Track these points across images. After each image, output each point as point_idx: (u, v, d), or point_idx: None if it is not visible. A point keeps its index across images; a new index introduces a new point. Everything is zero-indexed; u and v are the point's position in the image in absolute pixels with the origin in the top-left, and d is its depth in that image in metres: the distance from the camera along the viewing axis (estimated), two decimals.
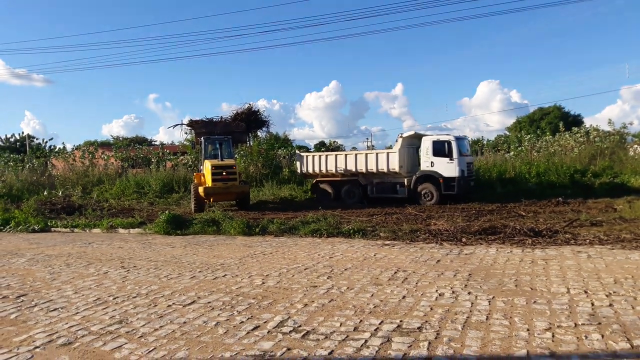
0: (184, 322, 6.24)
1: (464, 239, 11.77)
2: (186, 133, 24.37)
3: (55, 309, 7.15)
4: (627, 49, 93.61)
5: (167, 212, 15.87)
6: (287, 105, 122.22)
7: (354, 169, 22.09)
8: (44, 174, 33.42)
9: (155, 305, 7.11)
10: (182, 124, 24.11)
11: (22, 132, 57.37)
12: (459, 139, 20.93)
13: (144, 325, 6.21)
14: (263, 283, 8.11)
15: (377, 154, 22.04)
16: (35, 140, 55.18)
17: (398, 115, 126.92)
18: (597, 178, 23.79)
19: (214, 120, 23.99)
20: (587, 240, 11.01)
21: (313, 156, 23.85)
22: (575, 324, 5.58)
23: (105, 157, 34.50)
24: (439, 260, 9.43)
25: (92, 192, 28.08)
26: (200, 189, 20.39)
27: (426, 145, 20.96)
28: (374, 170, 21.59)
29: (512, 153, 28.92)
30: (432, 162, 20.65)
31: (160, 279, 8.80)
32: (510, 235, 11.78)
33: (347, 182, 22.51)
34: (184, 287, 8.13)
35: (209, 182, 20.54)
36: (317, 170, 23.12)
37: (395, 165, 21.04)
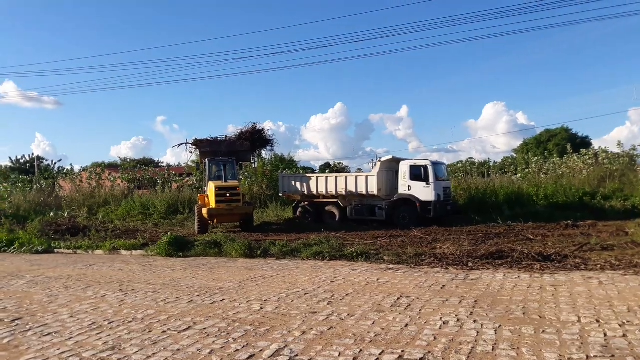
0: (178, 350, 5.98)
1: (470, 264, 11.45)
2: (191, 152, 24.26)
3: (49, 334, 6.93)
4: (635, 70, 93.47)
5: (169, 233, 15.66)
6: (292, 127, 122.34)
7: (334, 191, 22.28)
8: (51, 195, 33.45)
9: (150, 331, 6.86)
10: (187, 143, 23.98)
11: (32, 154, 57.71)
12: (435, 164, 21.21)
13: (136, 352, 5.97)
14: (261, 308, 7.84)
15: (356, 177, 22.39)
16: (44, 161, 55.49)
17: (403, 137, 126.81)
18: (607, 201, 23.40)
19: (219, 139, 23.87)
20: (598, 266, 10.66)
21: (295, 177, 24.14)
22: (587, 357, 5.27)
23: (112, 179, 34.49)
24: (444, 286, 9.12)
25: (98, 213, 28.01)
26: (204, 211, 20.23)
27: (404, 170, 21.21)
28: (354, 192, 21.82)
29: (519, 175, 28.59)
30: (409, 186, 20.94)
31: (157, 303, 8.55)
32: (518, 260, 11.44)
33: (327, 204, 22.75)
34: (180, 312, 7.87)
35: (212, 204, 20.37)
36: (298, 191, 23.35)
37: (374, 189, 21.26)
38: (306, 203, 23.45)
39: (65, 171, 39.21)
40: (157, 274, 11.54)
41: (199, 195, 23.65)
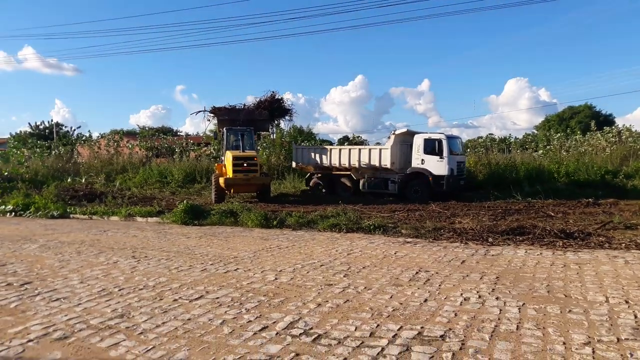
0: (188, 319, 5.78)
1: (490, 239, 11.10)
2: (209, 120, 23.91)
3: (57, 299, 6.78)
4: None
5: (185, 202, 15.51)
6: (312, 99, 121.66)
7: (347, 164, 22.04)
8: (69, 161, 33.58)
9: (161, 299, 6.68)
10: (205, 111, 23.65)
11: (52, 120, 58.09)
12: (450, 138, 20.75)
13: (145, 320, 5.78)
14: (276, 279, 7.62)
15: (370, 149, 22.00)
16: (63, 128, 55.78)
17: (424, 112, 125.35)
18: (630, 179, 22.71)
19: (237, 107, 23.50)
20: (623, 244, 10.23)
21: (308, 149, 23.86)
22: (618, 339, 4.94)
23: (130, 146, 34.51)
24: (463, 261, 8.81)
25: (115, 180, 28.05)
26: (221, 180, 20.05)
27: (418, 143, 20.86)
28: (367, 165, 21.55)
29: (540, 152, 27.90)
30: (422, 160, 20.60)
31: (170, 270, 8.38)
32: (539, 237, 11.07)
33: (341, 176, 22.51)
34: (193, 280, 7.68)
35: (229, 173, 20.17)
36: (312, 163, 23.16)
37: (387, 162, 20.98)
38: (319, 175, 23.27)
39: (83, 138, 39.28)
40: (172, 242, 11.38)
41: (216, 164, 23.46)
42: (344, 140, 47.22)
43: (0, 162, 29.12)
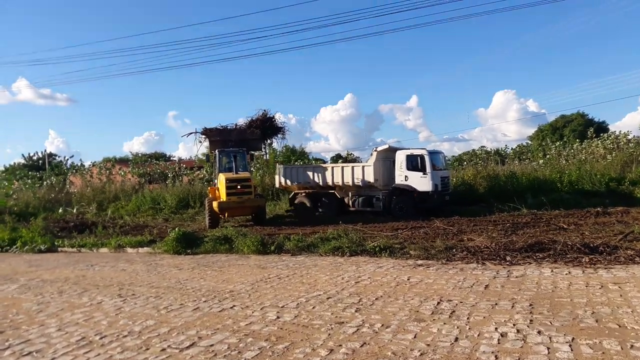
0: None
1: (508, 257, 10.09)
2: (200, 142, 22.82)
3: (29, 353, 5.73)
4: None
5: (176, 229, 14.42)
6: (302, 120, 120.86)
7: (331, 182, 21.27)
8: (62, 191, 32.41)
9: (147, 349, 5.62)
10: (196, 132, 22.58)
11: (45, 150, 56.87)
12: (432, 153, 20.00)
13: None
14: (278, 318, 6.55)
15: (352, 167, 21.19)
16: (56, 158, 54.63)
17: (413, 127, 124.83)
18: (636, 186, 21.82)
19: (229, 127, 22.50)
20: None
21: (291, 168, 23.07)
22: None
23: (122, 173, 33.41)
24: (487, 286, 7.78)
25: (108, 208, 26.92)
26: (215, 204, 19.03)
27: (400, 159, 20.10)
28: (350, 183, 20.74)
29: (541, 161, 27.01)
30: (406, 176, 19.84)
31: (159, 311, 7.30)
32: (561, 253, 10.07)
33: (324, 195, 21.75)
34: (184, 322, 6.61)
35: (223, 197, 19.16)
36: (295, 182, 22.38)
37: (370, 179, 20.21)
38: (303, 193, 22.42)
39: (75, 167, 38.14)
40: (162, 275, 10.30)
41: (209, 188, 22.43)
42: (337, 158, 46.38)
43: None
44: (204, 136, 22.31)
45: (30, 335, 6.49)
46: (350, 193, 21.35)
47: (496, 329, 5.65)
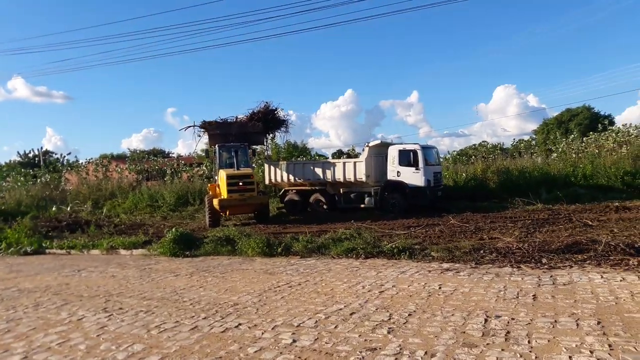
0: None
1: (544, 260, 8.86)
2: (199, 136, 21.46)
3: None
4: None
5: (173, 229, 13.12)
6: (303, 116, 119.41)
7: (321, 178, 20.39)
8: (57, 189, 31.08)
9: None
10: (194, 126, 21.19)
11: (41, 148, 55.38)
12: (425, 148, 19.39)
13: None
14: (294, 342, 5.28)
15: (344, 163, 20.44)
16: (53, 155, 53.22)
17: (414, 123, 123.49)
18: None
19: (229, 120, 21.13)
20: None
21: (281, 164, 21.95)
22: None
23: (119, 170, 32.06)
24: (535, 296, 6.53)
25: (103, 206, 25.63)
26: (215, 202, 17.79)
27: (392, 155, 19.46)
28: (342, 179, 19.98)
29: (554, 155, 25.74)
30: (398, 172, 19.22)
31: (149, 331, 6.03)
32: (603, 255, 8.83)
33: (315, 192, 20.95)
34: (179, 347, 5.35)
35: (224, 194, 17.92)
36: (285, 179, 21.40)
37: (362, 175, 19.47)
38: (293, 191, 21.40)
39: (70, 163, 36.77)
40: (156, 282, 9.02)
41: (209, 185, 21.14)
42: (340, 154, 45.10)
43: None
44: (202, 130, 20.98)
45: None
46: (341, 189, 20.47)
47: (570, 358, 4.41)
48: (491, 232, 12.73)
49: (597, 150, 25.07)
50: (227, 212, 18.50)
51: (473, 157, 28.38)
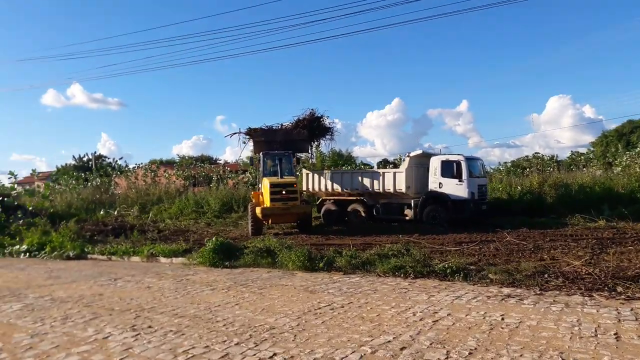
0: None
1: (619, 288, 7.77)
2: (244, 142, 21.16)
3: None
4: None
5: (214, 238, 12.59)
6: (348, 124, 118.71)
7: (359, 188, 19.84)
8: (107, 193, 31.52)
9: None
10: (240, 133, 20.88)
11: (94, 152, 56.84)
12: (469, 160, 18.57)
13: None
14: None
15: (384, 173, 19.68)
16: (106, 159, 54.54)
17: (463, 132, 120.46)
18: None
19: (274, 127, 20.70)
20: None
21: (320, 173, 21.28)
22: None
23: (167, 175, 32.24)
24: (616, 335, 5.53)
25: (150, 211, 25.67)
26: (258, 210, 17.31)
27: (435, 165, 18.76)
28: (381, 190, 19.32)
29: (619, 169, 23.99)
30: (440, 183, 18.46)
31: (175, 356, 5.40)
32: None
33: (352, 202, 20.27)
34: None
35: (267, 202, 17.42)
36: (322, 188, 20.77)
37: (402, 186, 18.77)
38: (331, 200, 20.74)
39: (120, 168, 37.33)
40: (191, 297, 8.45)
41: (252, 192, 20.73)
42: (385, 163, 44.16)
43: (27, 196, 26.96)
44: (248, 137, 20.62)
45: None
46: (379, 200, 19.66)
47: None
48: (552, 252, 11.60)
49: None
50: (270, 221, 18.00)
51: (527, 169, 26.84)
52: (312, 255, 10.88)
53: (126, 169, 35.62)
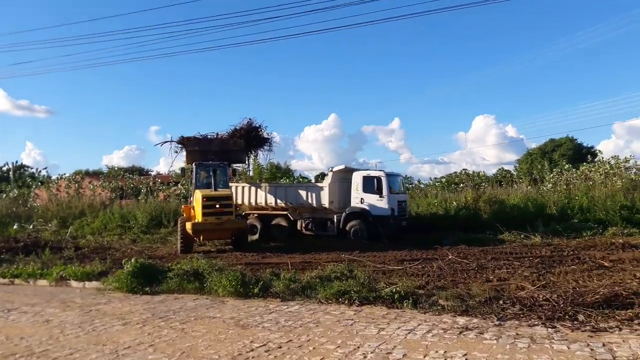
0: None
1: (580, 316, 7.00)
2: (176, 152, 19.40)
3: None
4: (619, 81, 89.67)
5: (133, 260, 10.87)
6: (286, 138, 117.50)
7: (283, 203, 19.06)
8: (25, 205, 28.54)
9: None
10: (171, 141, 19.14)
11: (15, 162, 52.23)
12: (390, 176, 18.41)
13: None
14: None
15: (307, 187, 19.32)
16: (29, 170, 50.24)
17: (395, 149, 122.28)
18: None
19: (209, 137, 19.10)
20: None
21: (242, 187, 20.20)
22: None
23: (92, 187, 29.64)
24: None
25: (71, 226, 23.23)
26: (188, 225, 15.69)
27: (356, 181, 18.38)
28: (304, 204, 18.70)
29: (549, 185, 24.15)
30: (362, 199, 18.08)
31: None
32: None
33: (276, 216, 19.40)
34: None
35: (198, 217, 15.89)
36: (245, 202, 19.77)
37: (325, 201, 18.21)
38: (255, 214, 19.66)
39: (41, 179, 34.21)
40: (97, 334, 6.89)
41: (183, 206, 19.03)
42: (322, 177, 43.32)
43: None
44: (180, 146, 18.93)
45: None
46: (304, 215, 18.84)
47: None
48: (497, 272, 10.91)
49: (591, 182, 23.58)
50: (202, 237, 16.37)
51: (461, 184, 26.70)
52: (245, 279, 9.51)
53: (48, 179, 32.54)
